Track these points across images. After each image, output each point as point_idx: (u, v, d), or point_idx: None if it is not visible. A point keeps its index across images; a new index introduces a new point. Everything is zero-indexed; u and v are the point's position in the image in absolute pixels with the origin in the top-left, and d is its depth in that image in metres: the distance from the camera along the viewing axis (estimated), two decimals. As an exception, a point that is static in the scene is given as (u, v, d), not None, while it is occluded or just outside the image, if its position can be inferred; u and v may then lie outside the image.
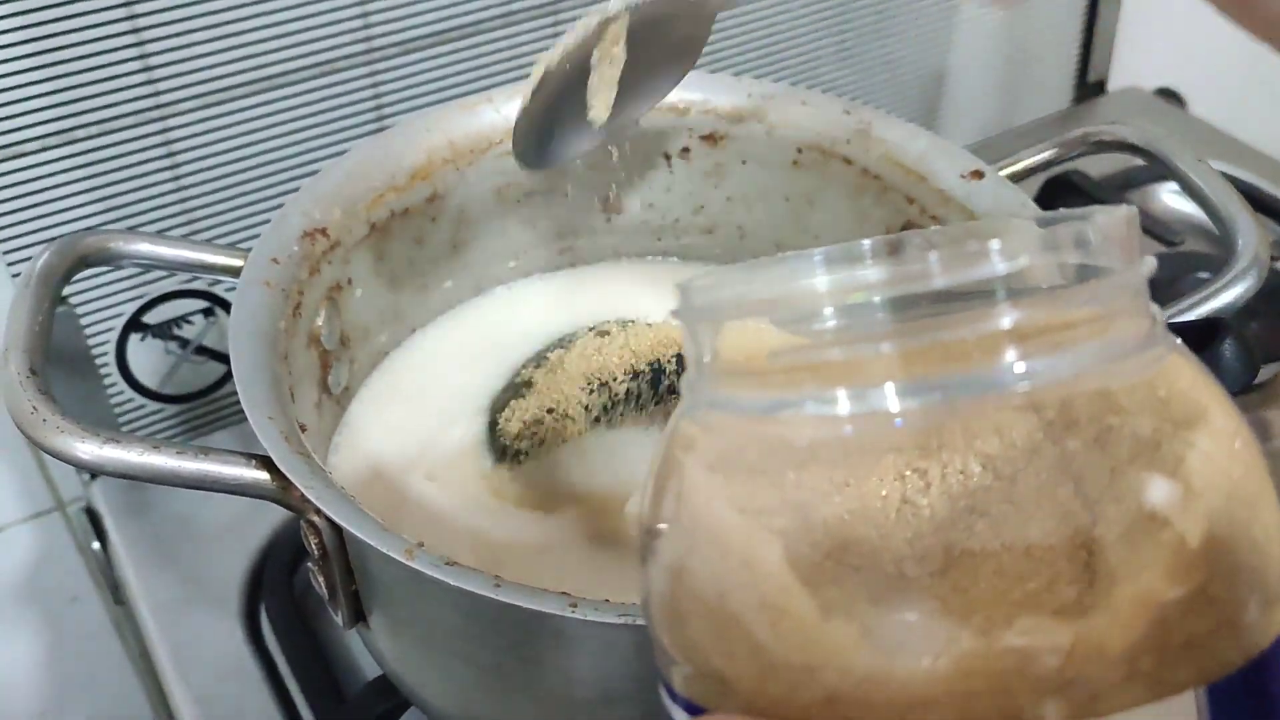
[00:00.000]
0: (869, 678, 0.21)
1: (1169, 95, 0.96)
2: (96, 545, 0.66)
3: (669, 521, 0.23)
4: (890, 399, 0.21)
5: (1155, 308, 0.23)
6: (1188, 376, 0.23)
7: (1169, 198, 0.82)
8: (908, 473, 0.21)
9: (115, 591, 0.67)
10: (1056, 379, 0.21)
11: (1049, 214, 0.23)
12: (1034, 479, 0.21)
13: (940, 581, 0.20)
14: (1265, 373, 0.63)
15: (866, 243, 0.23)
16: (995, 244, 0.21)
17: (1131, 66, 0.96)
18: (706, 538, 0.22)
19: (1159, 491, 0.21)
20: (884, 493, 0.21)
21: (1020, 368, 0.21)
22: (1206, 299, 0.47)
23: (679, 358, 0.51)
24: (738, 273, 0.24)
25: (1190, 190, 0.53)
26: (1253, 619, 0.22)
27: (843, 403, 0.21)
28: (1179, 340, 0.23)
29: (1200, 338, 0.41)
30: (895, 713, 0.20)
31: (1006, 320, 0.21)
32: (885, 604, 0.21)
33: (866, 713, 0.21)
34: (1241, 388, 0.40)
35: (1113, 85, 0.97)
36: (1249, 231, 0.48)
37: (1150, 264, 0.23)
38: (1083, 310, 0.22)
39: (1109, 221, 0.23)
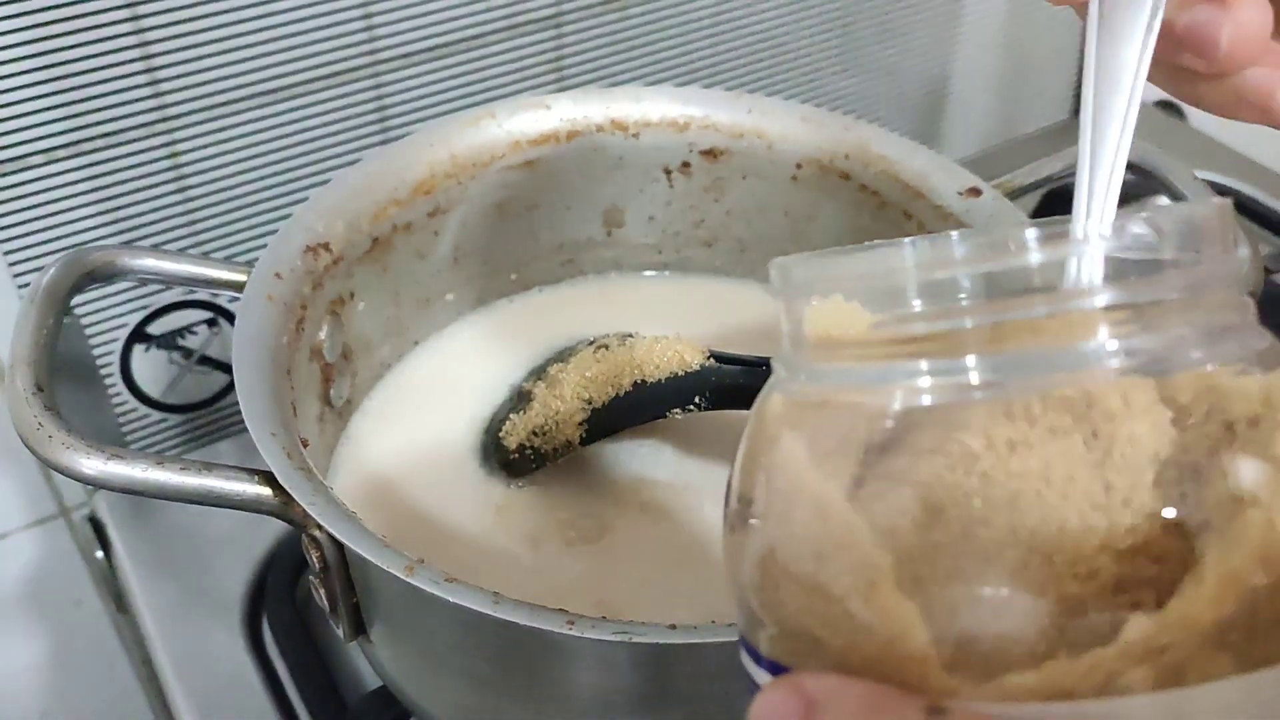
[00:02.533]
0: (958, 647, 0.21)
1: (1168, 107, 0.96)
2: (100, 554, 0.67)
3: (765, 490, 0.24)
4: (987, 371, 0.22)
5: (1248, 298, 0.24)
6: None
7: (1169, 210, 0.82)
8: (1000, 447, 0.22)
9: (118, 600, 0.67)
10: (1149, 358, 0.22)
11: (1150, 206, 0.24)
12: (1126, 456, 0.21)
13: (1028, 556, 0.21)
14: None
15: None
16: (1093, 224, 0.22)
17: (1132, 77, 0.97)
18: (804, 507, 0.23)
19: (1250, 473, 0.22)
20: (977, 468, 0.21)
21: (1113, 345, 0.22)
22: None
23: (676, 373, 0.52)
24: (832, 253, 0.25)
25: (1186, 207, 0.53)
26: None
27: (940, 375, 0.22)
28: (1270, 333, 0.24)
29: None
30: (984, 677, 0.21)
31: (1102, 298, 0.22)
32: (971, 579, 0.21)
33: (957, 677, 0.21)
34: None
35: (1113, 96, 0.97)
36: (1241, 254, 0.48)
37: (1245, 255, 0.24)
38: (1178, 294, 0.22)
39: (1205, 212, 0.23)
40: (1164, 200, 0.55)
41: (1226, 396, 0.22)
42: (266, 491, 0.43)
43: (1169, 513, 0.21)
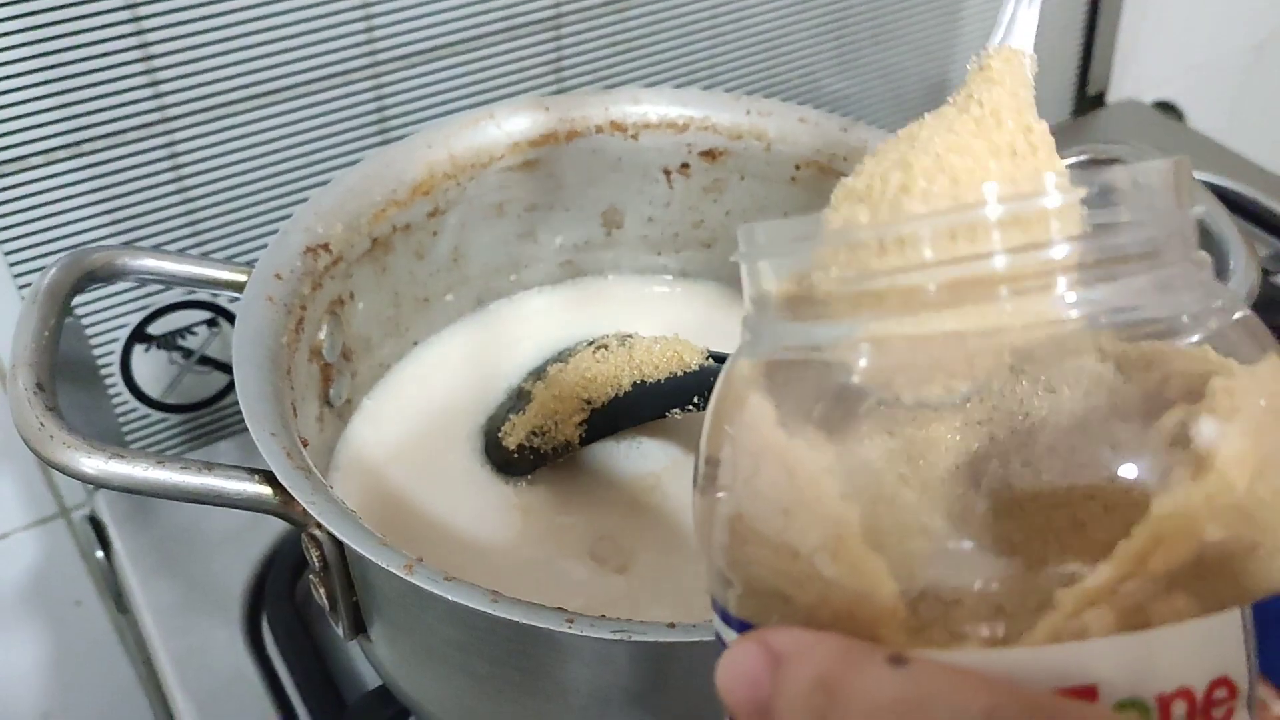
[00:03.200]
0: (923, 598, 0.22)
1: (1167, 108, 0.96)
2: (100, 554, 0.67)
3: (733, 451, 0.24)
4: (948, 325, 0.22)
5: (1203, 254, 0.24)
6: (1240, 321, 0.24)
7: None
8: (962, 401, 0.22)
9: (118, 599, 0.67)
10: (1105, 309, 0.22)
11: (1103, 166, 0.24)
12: (1080, 410, 0.22)
13: (986, 510, 0.21)
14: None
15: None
16: (1051, 178, 0.23)
17: (1130, 79, 0.97)
18: (771, 465, 0.23)
19: (1196, 425, 0.22)
20: (940, 422, 0.22)
21: (1070, 297, 0.22)
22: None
23: (675, 374, 0.52)
24: (798, 219, 0.25)
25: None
26: None
27: (902, 329, 0.22)
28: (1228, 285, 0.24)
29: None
30: (947, 627, 0.21)
31: (1059, 251, 0.22)
32: (935, 532, 0.22)
33: (922, 630, 0.21)
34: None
35: (1112, 98, 0.97)
36: (1240, 256, 0.48)
37: (1200, 209, 0.24)
38: (1132, 248, 0.23)
39: (1159, 168, 0.24)
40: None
41: (1175, 350, 0.23)
42: (267, 491, 0.43)
43: (1124, 469, 0.22)
